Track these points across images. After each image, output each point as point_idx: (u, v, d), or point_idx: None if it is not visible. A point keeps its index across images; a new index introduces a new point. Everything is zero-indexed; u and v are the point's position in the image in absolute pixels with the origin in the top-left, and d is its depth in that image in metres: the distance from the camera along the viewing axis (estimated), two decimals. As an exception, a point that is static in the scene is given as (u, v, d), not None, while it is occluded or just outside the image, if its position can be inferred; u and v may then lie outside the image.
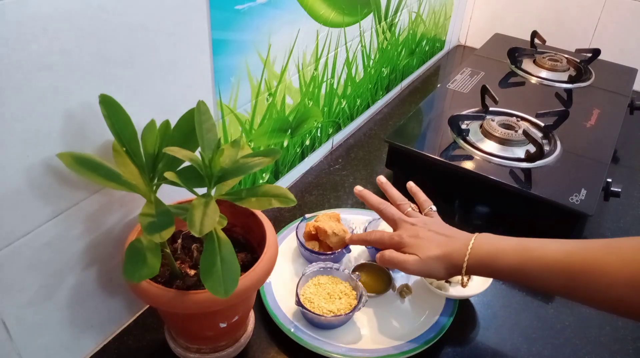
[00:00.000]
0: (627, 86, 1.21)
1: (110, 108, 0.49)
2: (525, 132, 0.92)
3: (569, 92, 1.13)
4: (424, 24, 1.31)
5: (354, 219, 0.81)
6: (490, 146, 0.93)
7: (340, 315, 0.66)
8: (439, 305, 0.71)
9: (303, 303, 0.66)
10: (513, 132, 0.93)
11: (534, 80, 1.20)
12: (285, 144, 0.89)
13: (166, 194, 0.55)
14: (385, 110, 1.24)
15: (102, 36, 0.49)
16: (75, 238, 0.55)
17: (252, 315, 0.67)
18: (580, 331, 0.71)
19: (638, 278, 0.49)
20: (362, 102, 1.13)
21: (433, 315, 0.70)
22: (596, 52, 1.26)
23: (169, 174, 0.49)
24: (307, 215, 0.80)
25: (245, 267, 0.55)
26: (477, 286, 0.71)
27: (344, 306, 0.67)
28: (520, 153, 0.91)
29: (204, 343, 0.61)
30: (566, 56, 1.28)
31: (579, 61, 1.27)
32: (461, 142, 0.93)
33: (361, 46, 1.02)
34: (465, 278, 0.62)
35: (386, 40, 1.13)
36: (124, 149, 0.51)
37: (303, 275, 0.70)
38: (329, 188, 0.95)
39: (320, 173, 0.99)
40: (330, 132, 1.03)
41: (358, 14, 0.96)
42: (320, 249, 0.76)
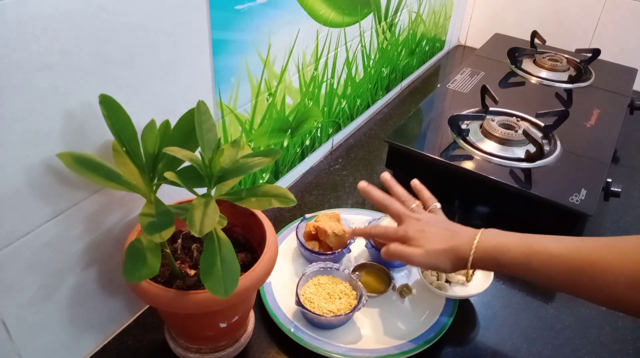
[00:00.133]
0: (627, 86, 1.21)
1: (110, 108, 0.49)
2: (525, 133, 0.92)
3: (569, 92, 1.13)
4: (424, 24, 1.31)
5: (354, 219, 0.81)
6: (490, 146, 0.93)
7: (340, 315, 0.66)
8: (439, 305, 0.71)
9: (303, 303, 0.66)
10: (513, 132, 0.93)
11: (534, 80, 1.20)
12: (285, 144, 0.89)
13: (166, 194, 0.55)
14: (385, 110, 1.24)
15: (102, 36, 0.49)
16: (75, 238, 0.55)
17: (252, 315, 0.67)
18: (580, 331, 0.71)
19: (638, 277, 0.49)
20: (362, 102, 1.13)
21: (433, 315, 0.70)
22: (596, 52, 1.26)
23: (169, 174, 0.49)
24: (307, 215, 0.80)
25: (245, 267, 0.55)
26: (477, 286, 0.71)
27: (344, 306, 0.67)
28: (520, 153, 0.91)
29: (204, 343, 0.61)
30: (566, 56, 1.28)
31: (579, 61, 1.27)
32: (461, 142, 0.93)
33: (361, 45, 1.02)
34: (470, 272, 0.62)
35: (386, 40, 1.13)
36: (124, 149, 0.51)
37: (303, 275, 0.70)
38: (329, 188, 0.95)
39: (320, 173, 0.99)
40: (330, 132, 1.03)
41: (358, 14, 0.96)
42: (320, 249, 0.76)
